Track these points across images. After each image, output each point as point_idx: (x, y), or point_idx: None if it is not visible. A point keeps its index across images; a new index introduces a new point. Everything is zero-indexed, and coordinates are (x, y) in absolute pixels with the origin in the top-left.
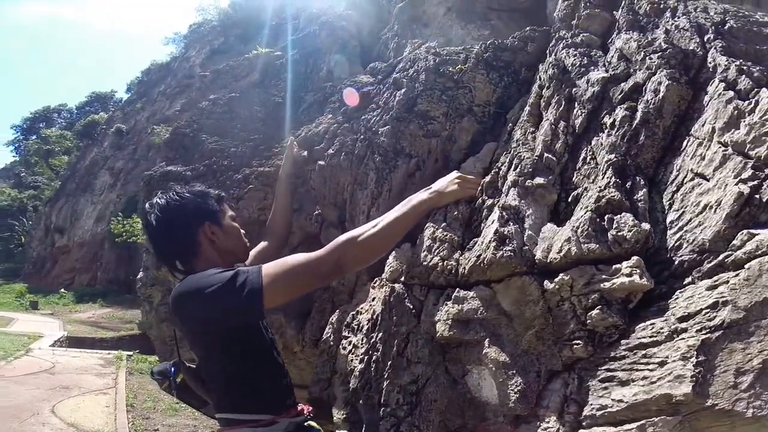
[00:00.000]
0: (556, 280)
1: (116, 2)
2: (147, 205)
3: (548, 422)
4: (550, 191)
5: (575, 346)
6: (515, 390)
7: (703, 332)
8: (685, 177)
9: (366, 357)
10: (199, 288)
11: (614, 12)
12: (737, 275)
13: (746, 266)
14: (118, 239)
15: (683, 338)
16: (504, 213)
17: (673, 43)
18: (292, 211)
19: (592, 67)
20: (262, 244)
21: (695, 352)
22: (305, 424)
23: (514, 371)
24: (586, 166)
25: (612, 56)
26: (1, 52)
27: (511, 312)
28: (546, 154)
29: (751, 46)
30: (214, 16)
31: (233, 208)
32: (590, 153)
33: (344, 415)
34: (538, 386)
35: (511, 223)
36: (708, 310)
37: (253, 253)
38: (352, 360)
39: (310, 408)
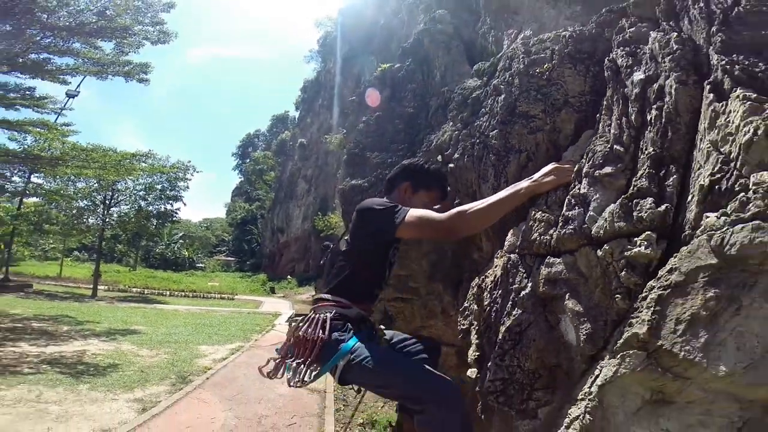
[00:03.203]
0: (604, 248)
1: (251, 36)
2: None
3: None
4: (618, 178)
5: (617, 300)
6: (584, 334)
7: (661, 289)
8: (696, 166)
9: (488, 308)
10: (374, 204)
11: None
12: (686, 248)
13: (691, 242)
14: (321, 234)
15: (652, 294)
16: (572, 200)
17: (684, 40)
18: None
19: (636, 68)
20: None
21: (653, 304)
22: (375, 327)
23: (585, 319)
24: (642, 156)
25: (647, 56)
26: (196, 91)
27: (586, 274)
28: (615, 146)
29: (756, 33)
30: (331, 27)
31: (440, 204)
32: (644, 146)
33: (475, 356)
34: (605, 333)
35: (577, 208)
36: (667, 273)
37: None
38: (480, 312)
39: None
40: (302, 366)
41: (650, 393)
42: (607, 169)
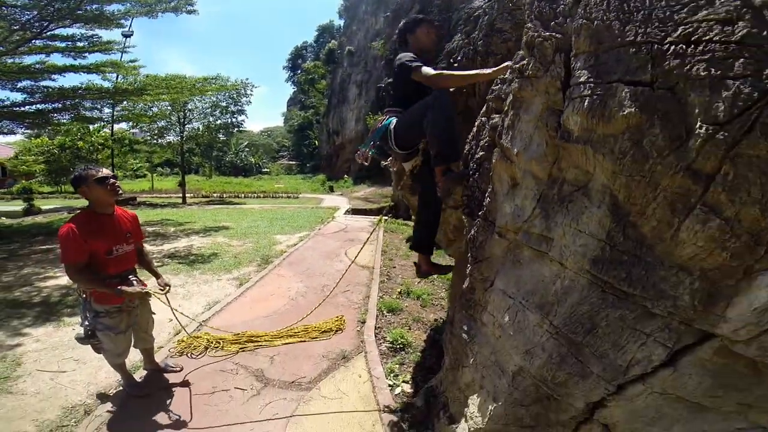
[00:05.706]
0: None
1: None
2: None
3: None
4: (525, 70)
5: None
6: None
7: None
8: None
9: (467, 153)
10: (405, 58)
11: None
12: None
13: None
14: None
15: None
16: (498, 80)
17: None
18: None
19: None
20: None
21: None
22: None
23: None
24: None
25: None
26: (238, 11)
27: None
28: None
29: None
30: None
31: (435, 33)
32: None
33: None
34: None
35: (501, 84)
36: None
37: None
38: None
39: None
40: (371, 143)
41: (510, 179)
42: (522, 63)
